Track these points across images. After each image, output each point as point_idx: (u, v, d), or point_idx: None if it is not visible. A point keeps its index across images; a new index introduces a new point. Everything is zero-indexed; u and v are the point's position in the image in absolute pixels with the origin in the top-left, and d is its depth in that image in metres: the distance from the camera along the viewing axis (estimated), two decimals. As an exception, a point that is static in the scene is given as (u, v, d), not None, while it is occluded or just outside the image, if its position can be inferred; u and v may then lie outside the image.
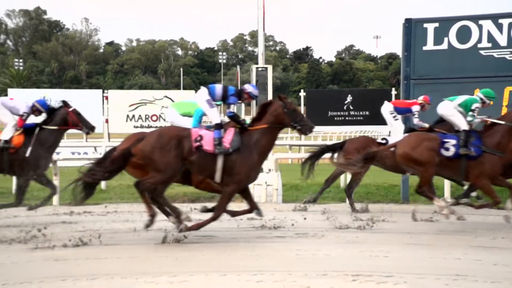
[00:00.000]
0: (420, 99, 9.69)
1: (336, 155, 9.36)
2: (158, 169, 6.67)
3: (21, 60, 76.33)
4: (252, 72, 11.58)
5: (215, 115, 7.17)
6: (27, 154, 8.28)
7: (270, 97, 11.35)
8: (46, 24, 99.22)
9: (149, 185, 6.72)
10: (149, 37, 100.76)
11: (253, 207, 7.11)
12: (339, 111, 21.37)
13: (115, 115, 18.53)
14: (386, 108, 9.66)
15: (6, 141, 8.28)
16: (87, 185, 6.92)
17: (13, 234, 7.22)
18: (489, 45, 10.33)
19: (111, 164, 6.85)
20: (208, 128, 7.34)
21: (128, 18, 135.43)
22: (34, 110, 8.74)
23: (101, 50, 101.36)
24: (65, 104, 8.84)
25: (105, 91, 19.95)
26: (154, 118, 18.89)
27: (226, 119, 7.49)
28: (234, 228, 7.65)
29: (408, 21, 10.68)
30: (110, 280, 5.07)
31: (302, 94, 22.66)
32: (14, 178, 11.62)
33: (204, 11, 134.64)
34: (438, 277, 5.11)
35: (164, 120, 18.62)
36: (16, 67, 69.43)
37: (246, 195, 7.14)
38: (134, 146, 6.80)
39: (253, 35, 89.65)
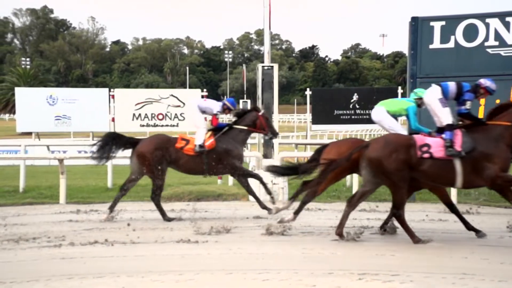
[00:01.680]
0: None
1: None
2: (388, 178, 6.56)
3: (28, 59, 76.61)
4: (258, 70, 11.56)
5: (447, 115, 6.85)
6: (218, 147, 8.65)
7: (276, 96, 11.33)
8: (53, 23, 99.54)
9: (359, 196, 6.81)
10: (155, 36, 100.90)
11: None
12: (345, 109, 21.30)
13: (121, 113, 18.56)
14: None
15: (200, 146, 8.60)
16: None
17: (21, 232, 7.26)
18: (496, 43, 10.28)
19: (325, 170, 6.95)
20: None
21: (134, 16, 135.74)
22: (225, 109, 9.07)
23: (108, 49, 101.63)
24: (255, 108, 9.28)
25: (111, 89, 19.98)
26: (160, 116, 18.90)
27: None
28: (240, 226, 7.65)
29: (414, 20, 10.64)
30: (116, 278, 5.08)
31: (308, 92, 22.63)
32: (23, 178, 11.69)
33: (210, 10, 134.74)
34: (444, 276, 5.09)
35: (170, 118, 18.66)
36: (23, 66, 69.64)
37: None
38: (358, 152, 6.76)
39: (259, 33, 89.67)
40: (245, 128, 8.94)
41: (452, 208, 7.30)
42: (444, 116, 6.89)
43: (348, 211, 6.88)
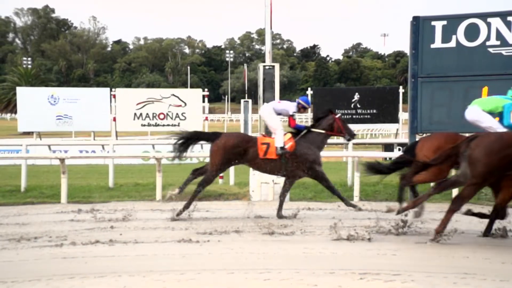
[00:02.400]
0: None
1: None
2: (480, 173, 6.38)
3: (29, 59, 76.72)
4: (259, 70, 11.55)
5: None
6: (297, 151, 8.60)
7: (277, 95, 11.33)
8: (54, 23, 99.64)
9: (468, 193, 6.60)
10: (156, 36, 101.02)
11: None
12: (346, 109, 21.28)
13: (122, 113, 18.55)
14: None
15: (282, 147, 8.56)
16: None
17: (23, 231, 7.27)
18: (498, 42, 10.26)
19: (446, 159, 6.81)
20: None
21: (135, 16, 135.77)
22: (300, 108, 9.01)
23: (109, 49, 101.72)
24: (331, 111, 9.19)
25: (113, 89, 19.99)
26: (162, 116, 18.90)
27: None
28: (241, 226, 7.65)
29: (415, 19, 10.63)
30: (117, 278, 5.08)
31: (309, 92, 22.62)
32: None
33: (211, 9, 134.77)
34: (446, 275, 5.09)
35: (172, 118, 18.65)
36: (24, 66, 69.71)
37: None
38: (464, 145, 6.60)
39: (260, 33, 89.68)
40: (323, 132, 8.86)
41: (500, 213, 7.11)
42: None
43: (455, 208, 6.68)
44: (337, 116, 9.05)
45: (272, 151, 8.56)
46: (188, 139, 8.83)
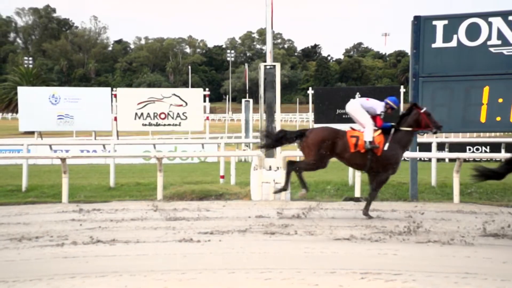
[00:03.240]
0: None
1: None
2: None
3: (30, 58, 76.80)
4: (260, 70, 11.55)
5: None
6: (385, 148, 8.49)
7: (278, 95, 11.33)
8: (55, 22, 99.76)
9: None
10: (157, 35, 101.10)
11: None
12: (347, 109, 21.31)
13: (123, 113, 18.59)
14: None
15: (370, 142, 8.47)
16: None
17: (24, 231, 7.27)
18: (499, 42, 10.26)
19: None
20: None
21: (136, 16, 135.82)
22: (388, 108, 8.81)
23: (110, 48, 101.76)
24: (416, 105, 8.90)
25: (114, 89, 20.02)
26: (163, 116, 18.93)
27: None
28: (242, 226, 7.65)
29: (417, 19, 10.63)
30: (118, 277, 5.08)
31: (310, 92, 22.65)
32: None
33: (212, 9, 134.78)
34: (447, 275, 5.08)
35: (173, 118, 18.64)
36: (25, 65, 69.77)
37: None
38: None
39: (261, 33, 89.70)
40: (410, 129, 8.69)
41: None
42: None
43: None
44: (422, 110, 8.74)
45: (361, 144, 8.47)
46: (275, 141, 8.82)
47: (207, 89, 21.32)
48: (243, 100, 24.79)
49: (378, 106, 8.72)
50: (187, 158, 20.62)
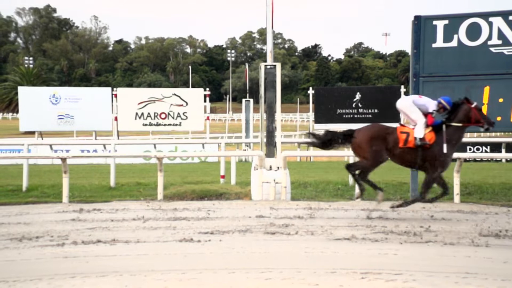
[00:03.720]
0: None
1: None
2: None
3: (31, 58, 76.82)
4: (261, 70, 11.55)
5: None
6: (445, 150, 8.37)
7: (278, 95, 11.34)
8: (55, 22, 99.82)
9: None
10: (158, 35, 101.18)
11: None
12: (348, 108, 21.35)
13: (124, 112, 18.57)
14: None
15: (421, 139, 8.38)
16: None
17: (24, 231, 7.27)
18: (499, 42, 10.25)
19: None
20: None
21: (137, 16, 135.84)
22: (440, 108, 8.67)
23: (110, 48, 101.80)
24: (467, 100, 8.66)
25: (114, 89, 20.02)
26: (163, 116, 18.93)
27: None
28: (242, 225, 7.65)
29: (417, 18, 10.62)
30: (119, 277, 5.08)
31: (310, 92, 22.65)
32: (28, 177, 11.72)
33: (212, 9, 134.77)
34: (447, 275, 5.08)
35: (173, 118, 18.64)
36: (26, 65, 69.81)
37: None
38: None
39: (262, 32, 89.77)
40: (460, 125, 8.54)
41: None
42: None
43: None
44: (473, 105, 8.56)
45: (411, 140, 8.39)
46: (323, 144, 8.77)
47: (207, 89, 21.32)
48: (243, 100, 24.80)
49: (431, 105, 8.60)
50: (188, 158, 20.63)
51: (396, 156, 8.58)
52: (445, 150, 8.37)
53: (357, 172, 8.61)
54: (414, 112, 8.64)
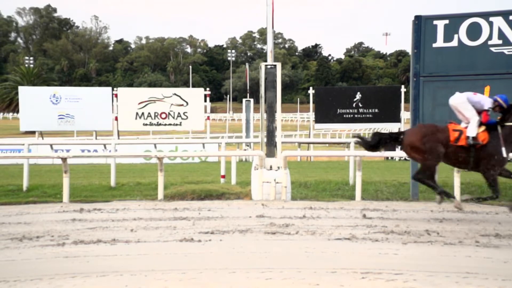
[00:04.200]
0: None
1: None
2: None
3: (31, 58, 76.82)
4: (261, 69, 11.54)
5: None
6: (504, 153, 8.14)
7: (279, 95, 11.33)
8: (56, 22, 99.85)
9: None
10: (158, 35, 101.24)
11: None
12: (348, 108, 21.35)
13: (124, 112, 18.57)
14: None
15: (473, 138, 8.18)
16: None
17: (25, 230, 7.28)
18: (500, 42, 10.25)
19: None
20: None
21: (137, 15, 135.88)
22: (496, 105, 8.40)
23: (111, 48, 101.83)
24: None
25: (115, 88, 20.02)
26: (164, 115, 18.93)
27: None
28: (243, 225, 7.65)
29: (417, 18, 10.62)
30: (119, 277, 5.09)
31: (311, 91, 22.65)
32: (29, 176, 11.71)
33: (213, 8, 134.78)
34: (448, 274, 5.08)
35: (173, 117, 18.63)
36: (26, 65, 69.84)
37: None
38: None
39: (262, 32, 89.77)
40: None
41: None
42: None
43: None
44: None
45: (463, 138, 8.18)
46: (371, 147, 8.64)
47: (207, 88, 21.32)
48: (243, 99, 24.78)
49: (486, 102, 8.34)
50: (188, 158, 20.63)
51: (450, 154, 8.32)
52: (504, 153, 8.11)
53: (426, 178, 8.35)
54: (467, 110, 8.34)
